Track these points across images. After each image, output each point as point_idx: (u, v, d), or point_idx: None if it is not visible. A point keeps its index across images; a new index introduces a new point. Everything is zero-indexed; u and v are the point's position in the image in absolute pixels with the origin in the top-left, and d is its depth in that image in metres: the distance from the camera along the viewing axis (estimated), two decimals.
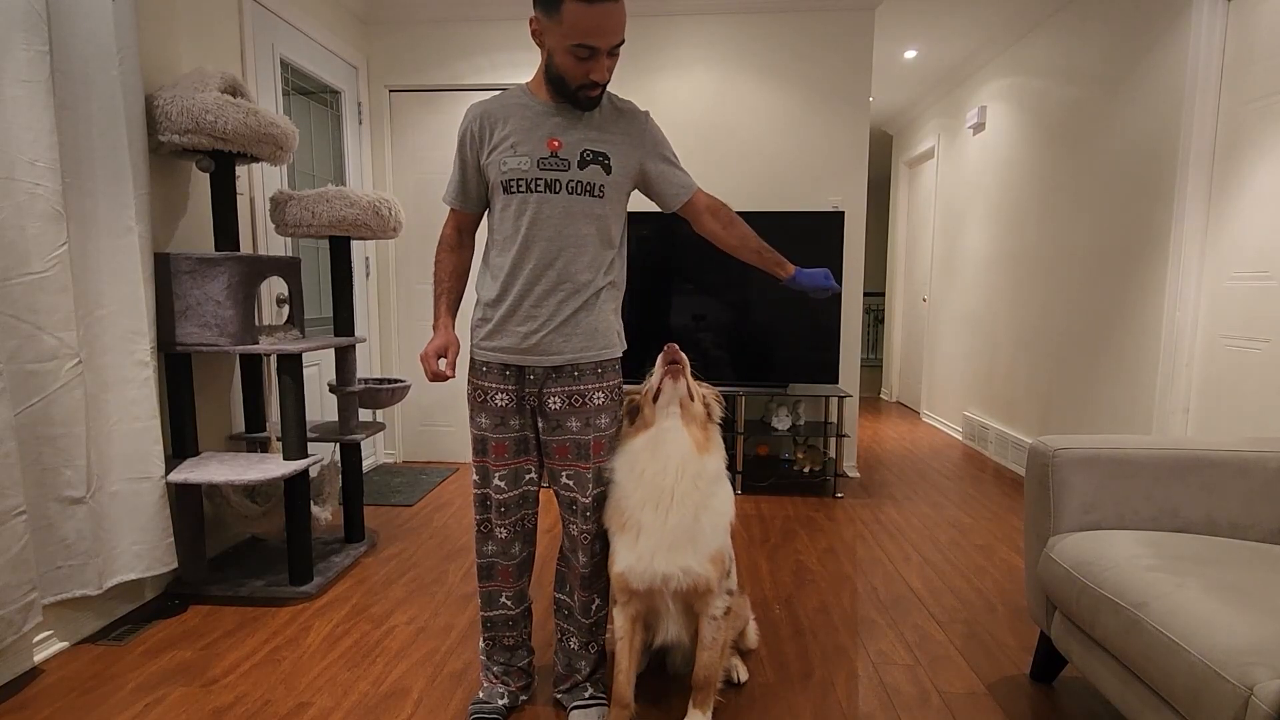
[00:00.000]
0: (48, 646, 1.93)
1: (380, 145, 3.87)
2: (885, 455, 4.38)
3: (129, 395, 2.03)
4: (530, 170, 1.49)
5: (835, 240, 3.46)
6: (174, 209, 2.37)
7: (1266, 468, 1.64)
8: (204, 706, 1.70)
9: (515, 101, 1.54)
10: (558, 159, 1.49)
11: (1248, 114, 2.46)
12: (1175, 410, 2.76)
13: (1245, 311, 2.47)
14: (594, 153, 1.52)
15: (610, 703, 1.60)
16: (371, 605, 2.25)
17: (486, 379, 1.59)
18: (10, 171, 1.73)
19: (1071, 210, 3.49)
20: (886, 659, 1.95)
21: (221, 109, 2.12)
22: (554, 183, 1.49)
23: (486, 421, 1.59)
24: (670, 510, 1.47)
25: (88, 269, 1.94)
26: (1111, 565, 1.46)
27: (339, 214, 2.46)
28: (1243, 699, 1.08)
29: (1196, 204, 2.66)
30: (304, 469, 2.29)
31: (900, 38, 4.25)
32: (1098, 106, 3.27)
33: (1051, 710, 1.73)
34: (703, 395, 1.60)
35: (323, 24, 3.36)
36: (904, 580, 2.48)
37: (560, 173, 1.49)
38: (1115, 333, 3.13)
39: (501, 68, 3.77)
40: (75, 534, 1.93)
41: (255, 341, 2.26)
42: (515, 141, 1.49)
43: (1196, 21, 2.62)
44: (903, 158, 6.29)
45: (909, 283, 6.22)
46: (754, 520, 3.11)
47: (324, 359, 3.39)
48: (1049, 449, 1.70)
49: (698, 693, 1.59)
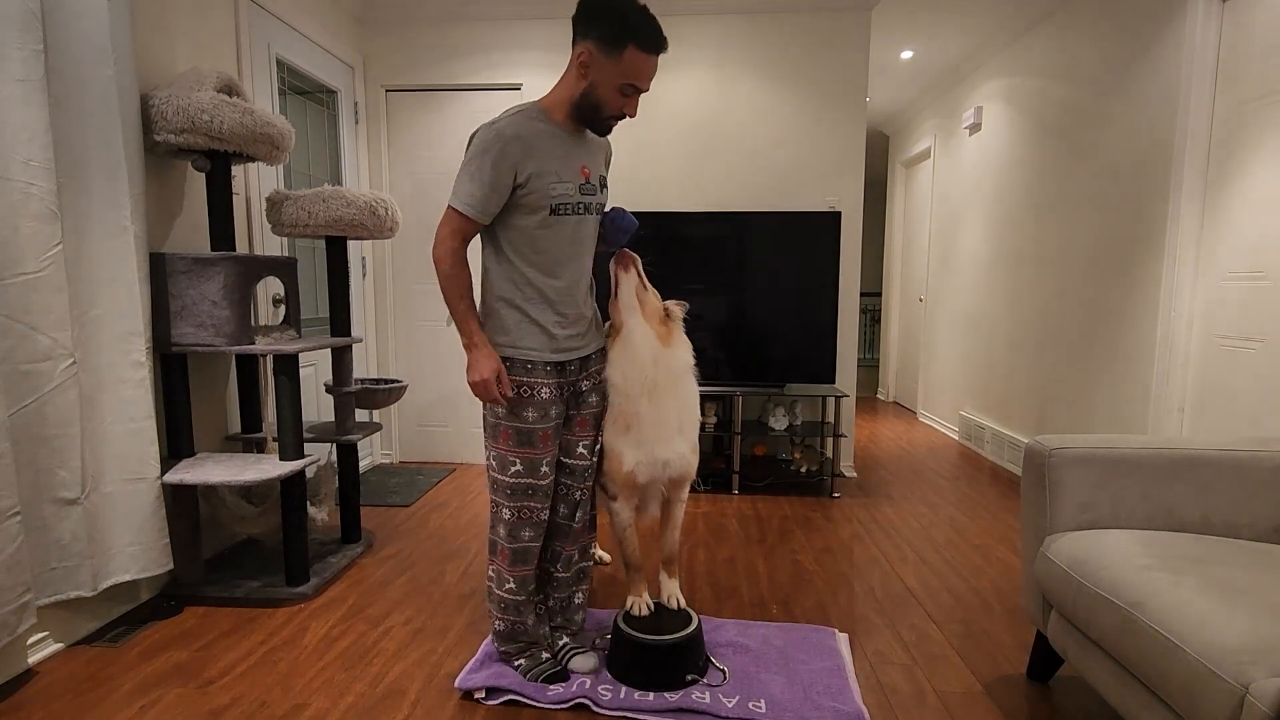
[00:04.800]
0: (43, 648, 1.92)
1: (377, 145, 3.86)
2: (882, 455, 4.38)
3: (124, 396, 2.02)
4: (575, 195, 1.64)
5: (832, 240, 3.47)
6: (169, 209, 2.37)
7: (1261, 467, 1.65)
8: (200, 708, 1.69)
9: (543, 128, 1.61)
10: (589, 184, 1.68)
11: (1243, 114, 2.47)
12: (1170, 410, 2.77)
13: (1240, 311, 2.48)
14: (602, 176, 1.76)
15: (631, 571, 1.94)
16: (368, 606, 2.25)
17: (533, 375, 1.68)
18: (4, 171, 1.72)
19: (1067, 210, 3.50)
20: (883, 658, 1.96)
21: (217, 108, 2.11)
22: (590, 205, 1.69)
23: (534, 414, 1.68)
24: (657, 399, 1.78)
25: (83, 269, 1.94)
26: (1108, 564, 1.46)
27: (335, 214, 2.46)
28: (1239, 697, 1.09)
29: (1192, 204, 2.67)
30: (300, 470, 2.28)
31: (897, 38, 4.26)
32: (1094, 107, 3.28)
33: (1048, 709, 1.73)
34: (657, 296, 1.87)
35: (319, 23, 3.35)
36: (901, 580, 2.49)
37: (592, 197, 1.70)
38: (1111, 332, 3.14)
39: (497, 67, 3.77)
40: (70, 535, 1.92)
41: (251, 342, 2.26)
42: (558, 169, 1.61)
43: (1192, 22, 2.63)
44: (899, 158, 6.30)
45: (906, 283, 6.23)
46: (751, 520, 3.11)
47: (320, 359, 3.39)
48: (1045, 448, 1.71)
49: (670, 564, 1.98)
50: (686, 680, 1.77)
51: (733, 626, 2.08)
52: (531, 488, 1.71)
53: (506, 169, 1.56)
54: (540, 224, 1.62)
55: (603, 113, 1.60)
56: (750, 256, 3.55)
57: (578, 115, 1.63)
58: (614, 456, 1.82)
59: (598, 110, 1.60)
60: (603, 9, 1.52)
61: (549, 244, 1.65)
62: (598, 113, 1.61)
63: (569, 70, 1.61)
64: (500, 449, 1.70)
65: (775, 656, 1.91)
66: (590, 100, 1.59)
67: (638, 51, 1.52)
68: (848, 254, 3.70)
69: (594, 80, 1.56)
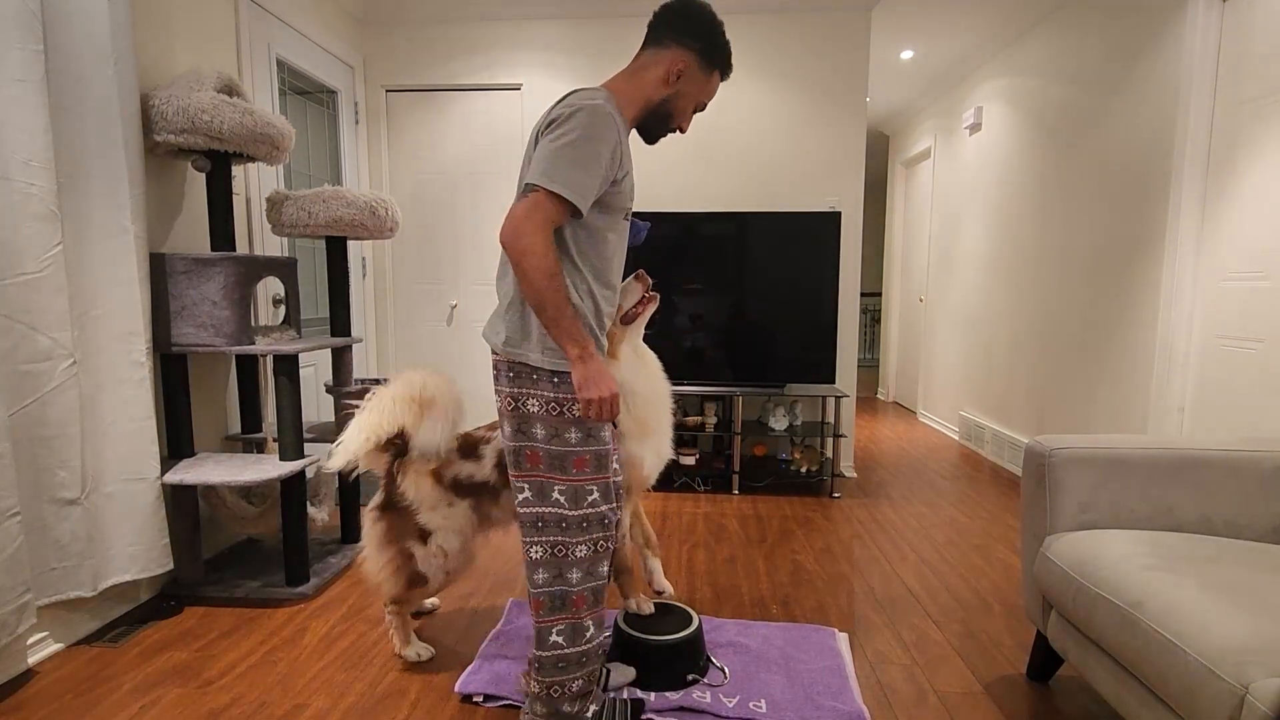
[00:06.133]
0: (43, 648, 1.92)
1: (377, 145, 3.86)
2: (882, 455, 4.38)
3: (124, 396, 2.02)
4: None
5: (832, 240, 3.47)
6: (170, 209, 2.37)
7: (1261, 467, 1.65)
8: (200, 708, 1.69)
9: (623, 122, 1.47)
10: None
11: (1243, 114, 2.47)
12: (1170, 410, 2.77)
13: (1240, 311, 2.48)
14: None
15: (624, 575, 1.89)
16: (368, 606, 2.25)
17: None
18: (4, 171, 1.72)
19: (1067, 210, 3.50)
20: (883, 658, 1.96)
21: (217, 109, 2.11)
22: None
23: (607, 434, 1.50)
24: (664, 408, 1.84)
25: (83, 269, 1.94)
26: (1107, 564, 1.46)
27: (335, 214, 2.46)
28: (1239, 697, 1.08)
29: (1192, 204, 2.67)
30: (300, 470, 2.28)
31: (897, 38, 4.26)
32: (1094, 107, 3.28)
33: (1048, 709, 1.73)
34: None
35: (319, 23, 3.35)
36: (901, 580, 2.49)
37: None
38: (1111, 333, 3.14)
39: (497, 67, 3.77)
40: (70, 535, 1.92)
41: (251, 342, 2.26)
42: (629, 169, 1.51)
43: (1192, 22, 2.63)
44: (899, 158, 6.30)
45: (906, 283, 6.23)
46: (751, 520, 3.11)
47: (320, 359, 3.39)
48: (1045, 449, 1.71)
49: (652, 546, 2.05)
50: (687, 680, 1.77)
51: (733, 626, 2.08)
52: (606, 517, 1.50)
53: (614, 161, 1.40)
54: (610, 225, 1.49)
55: (671, 123, 1.55)
56: (750, 256, 3.55)
57: (644, 118, 1.53)
58: (635, 464, 1.79)
59: (668, 120, 1.54)
60: (707, 29, 1.50)
61: (612, 249, 1.51)
62: (667, 122, 1.54)
63: (649, 72, 1.50)
64: (572, 480, 1.46)
65: (775, 656, 1.91)
66: (667, 109, 1.52)
67: (719, 78, 1.55)
68: (848, 254, 3.70)
69: (680, 91, 1.51)
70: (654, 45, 1.51)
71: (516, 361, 1.45)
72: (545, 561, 1.47)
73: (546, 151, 1.36)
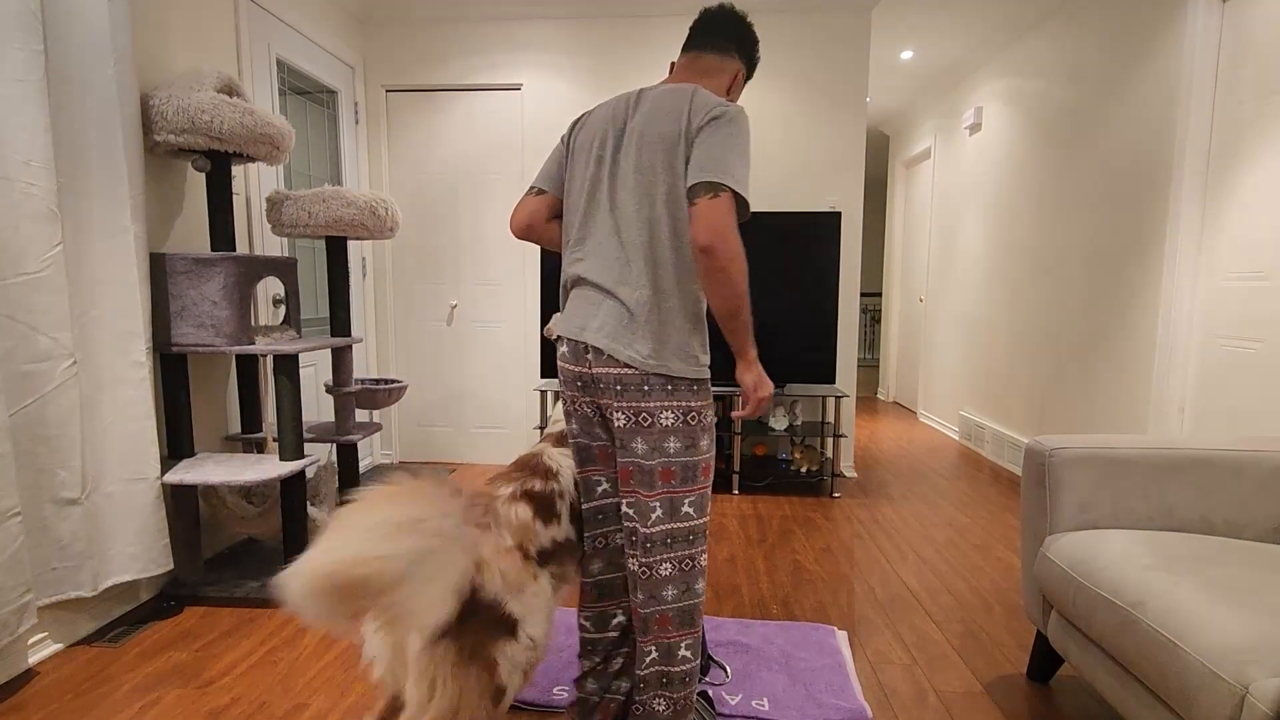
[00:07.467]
0: (43, 648, 1.92)
1: (377, 145, 3.86)
2: (882, 455, 4.38)
3: (124, 396, 2.02)
4: None
5: (832, 240, 3.47)
6: (170, 209, 2.37)
7: (1261, 467, 1.65)
8: (200, 708, 1.69)
9: None
10: None
11: (1243, 114, 2.47)
12: (1170, 410, 2.77)
13: (1240, 311, 2.48)
14: None
15: None
16: None
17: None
18: (4, 171, 1.72)
19: (1067, 210, 3.50)
20: (884, 658, 1.96)
21: (217, 109, 2.11)
22: None
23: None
24: None
25: (83, 269, 1.94)
26: (1108, 564, 1.46)
27: (336, 214, 2.46)
28: (1239, 697, 1.09)
29: (1192, 204, 2.67)
30: (300, 470, 2.28)
31: (897, 38, 4.26)
32: (1094, 107, 3.28)
33: (1048, 709, 1.73)
34: None
35: (319, 23, 3.35)
36: (901, 580, 2.49)
37: None
38: (1111, 332, 3.14)
39: (497, 67, 3.77)
40: (70, 535, 1.92)
41: (251, 342, 2.26)
42: None
43: (1192, 22, 2.63)
44: (900, 158, 6.30)
45: (906, 283, 6.23)
46: (751, 520, 3.11)
47: (320, 359, 3.39)
48: (1046, 448, 1.71)
49: None
50: None
51: (733, 625, 2.08)
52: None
53: None
54: None
55: None
56: (750, 256, 3.54)
57: None
58: None
59: None
60: (755, 46, 1.53)
61: None
62: None
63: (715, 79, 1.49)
64: (698, 489, 1.39)
65: (776, 655, 1.91)
66: None
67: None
68: (848, 254, 3.70)
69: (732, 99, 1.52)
70: (717, 52, 1.48)
71: (655, 374, 1.34)
72: (674, 577, 1.39)
73: (724, 152, 1.30)
